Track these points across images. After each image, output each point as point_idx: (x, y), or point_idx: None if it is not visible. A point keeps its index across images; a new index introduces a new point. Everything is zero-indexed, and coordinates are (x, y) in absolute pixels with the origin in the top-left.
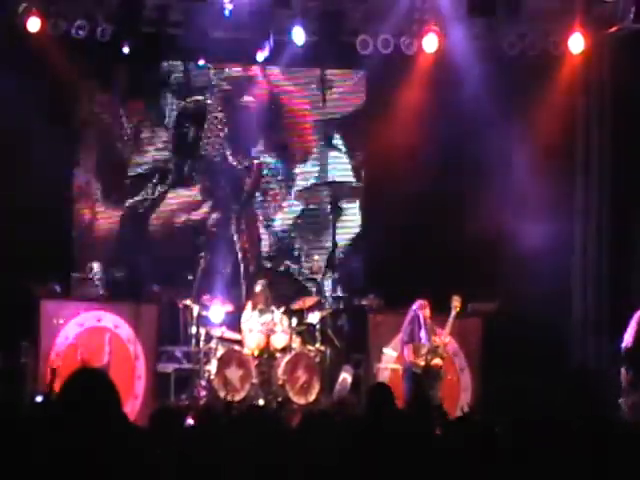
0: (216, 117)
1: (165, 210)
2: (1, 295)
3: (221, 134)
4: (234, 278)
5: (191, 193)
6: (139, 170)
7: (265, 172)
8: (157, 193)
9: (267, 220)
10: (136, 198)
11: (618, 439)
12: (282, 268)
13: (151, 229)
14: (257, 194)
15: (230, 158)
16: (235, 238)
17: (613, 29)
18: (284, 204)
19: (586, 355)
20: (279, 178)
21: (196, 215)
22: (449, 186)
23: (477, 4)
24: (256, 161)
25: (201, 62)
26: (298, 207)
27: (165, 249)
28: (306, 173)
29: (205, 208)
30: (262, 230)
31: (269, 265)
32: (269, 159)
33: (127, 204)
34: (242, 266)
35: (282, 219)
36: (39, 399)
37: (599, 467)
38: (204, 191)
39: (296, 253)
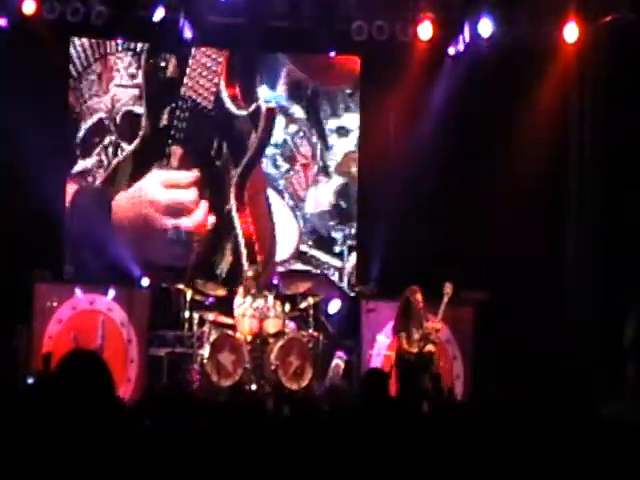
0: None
1: (135, 195)
2: None
3: (213, 66)
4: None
5: (173, 174)
6: (92, 120)
7: (280, 121)
8: (119, 155)
9: (294, 200)
10: (88, 161)
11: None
12: (315, 270)
13: (116, 214)
14: (268, 156)
15: (227, 101)
16: (235, 220)
17: (608, 19)
18: (320, 177)
19: (578, 344)
20: (308, 135)
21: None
22: (444, 174)
23: None
24: (266, 105)
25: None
26: (338, 181)
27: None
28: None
29: (192, 194)
30: (282, 214)
31: (294, 265)
32: (287, 103)
33: (74, 171)
34: (244, 263)
35: (315, 199)
36: (30, 381)
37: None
38: (189, 155)
39: (337, 249)
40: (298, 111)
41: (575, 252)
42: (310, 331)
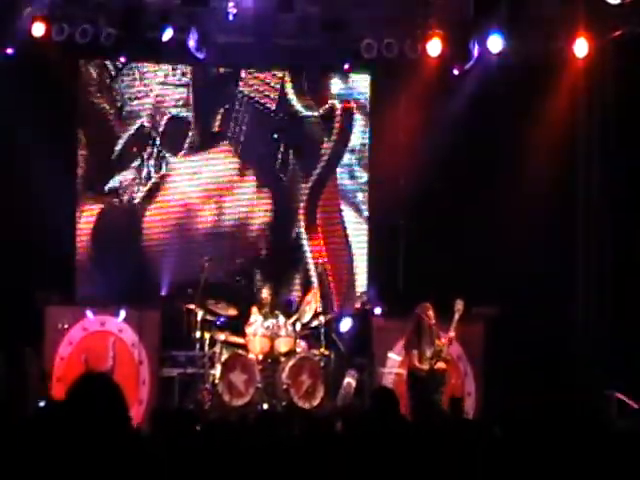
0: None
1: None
2: (5, 301)
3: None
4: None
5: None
6: (133, 127)
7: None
8: (163, 169)
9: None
10: (123, 175)
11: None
12: None
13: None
14: (344, 164)
15: (293, 99)
16: (305, 246)
17: (617, 33)
18: None
19: (588, 360)
20: None
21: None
22: (452, 190)
23: (481, 8)
24: (341, 102)
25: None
26: None
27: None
28: None
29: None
30: (359, 234)
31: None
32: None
33: (106, 188)
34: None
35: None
36: (42, 404)
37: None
38: (248, 168)
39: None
40: None
41: (585, 268)
42: (321, 350)
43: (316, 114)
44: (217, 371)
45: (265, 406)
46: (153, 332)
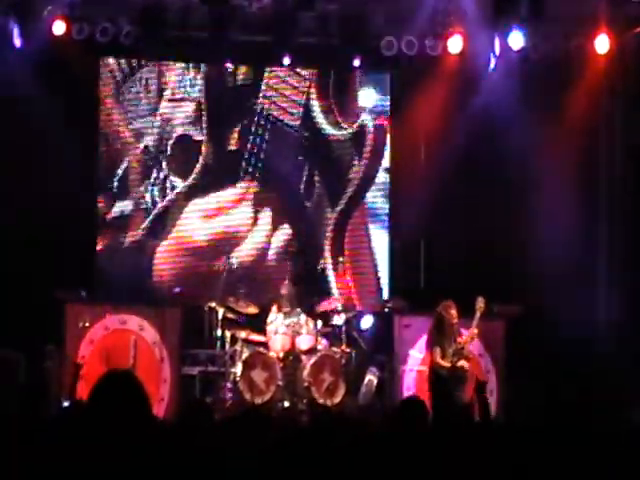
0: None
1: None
2: (27, 299)
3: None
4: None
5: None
6: (136, 149)
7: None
8: (169, 195)
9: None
10: (126, 203)
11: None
12: None
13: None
14: (376, 184)
15: (320, 117)
16: (330, 277)
17: (638, 30)
18: None
19: (611, 358)
20: None
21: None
22: (474, 188)
23: (502, 5)
24: (369, 121)
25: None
26: None
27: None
28: None
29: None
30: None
31: None
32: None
33: (108, 217)
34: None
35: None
36: (66, 404)
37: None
38: (268, 193)
39: None
40: None
41: (608, 266)
42: (343, 347)
43: (344, 133)
44: (238, 369)
45: (286, 404)
46: (174, 330)
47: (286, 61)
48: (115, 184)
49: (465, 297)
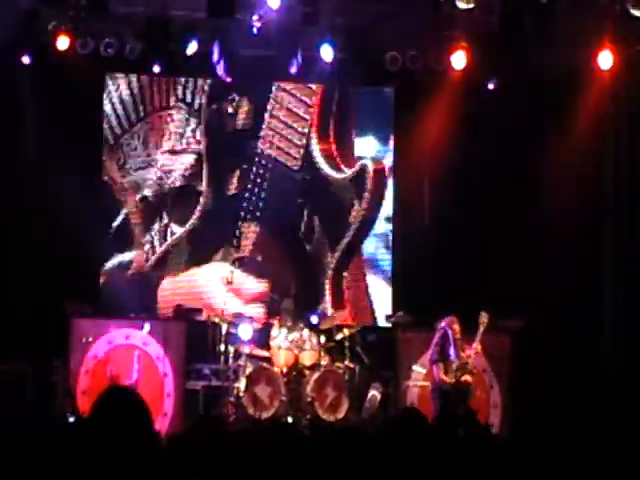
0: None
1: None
2: (32, 313)
3: (300, 110)
4: None
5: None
6: (134, 200)
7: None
8: (169, 239)
9: None
10: (126, 255)
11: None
12: None
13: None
14: (377, 234)
15: (320, 160)
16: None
17: None
18: None
19: (616, 372)
20: None
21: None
22: (478, 203)
23: (507, 20)
24: (370, 163)
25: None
26: None
27: None
28: None
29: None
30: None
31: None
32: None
33: (106, 267)
34: None
35: None
36: (71, 420)
37: None
38: (267, 236)
39: None
40: None
41: (612, 279)
42: (346, 362)
43: (345, 176)
44: (242, 384)
45: (290, 419)
46: (178, 345)
47: (293, 70)
48: (112, 232)
49: (468, 312)
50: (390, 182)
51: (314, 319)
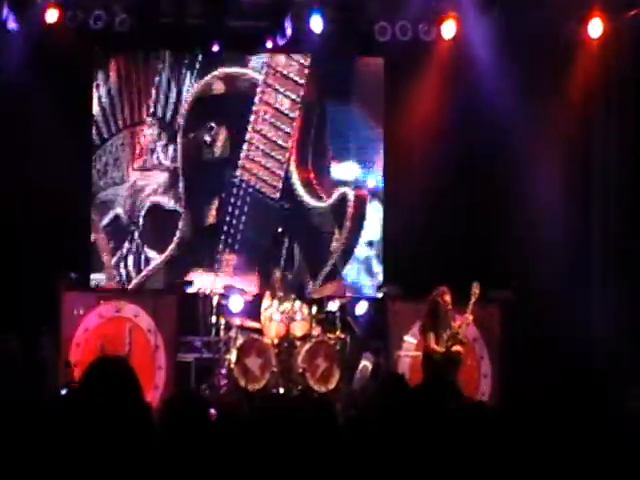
0: (268, 103)
1: None
2: (21, 286)
3: (279, 139)
4: None
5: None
6: (107, 218)
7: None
8: (143, 270)
9: None
10: (99, 276)
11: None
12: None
13: None
14: (362, 256)
15: (299, 189)
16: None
17: (632, 13)
18: None
19: (607, 342)
20: None
21: None
22: (469, 174)
23: None
24: (350, 190)
25: (215, 48)
26: None
27: None
28: None
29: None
30: None
31: None
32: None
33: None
34: None
35: None
36: (63, 392)
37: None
38: (247, 265)
39: None
40: None
41: (602, 248)
42: (337, 333)
43: (325, 204)
44: (233, 356)
45: (281, 390)
46: (169, 318)
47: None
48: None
49: (460, 283)
50: (375, 206)
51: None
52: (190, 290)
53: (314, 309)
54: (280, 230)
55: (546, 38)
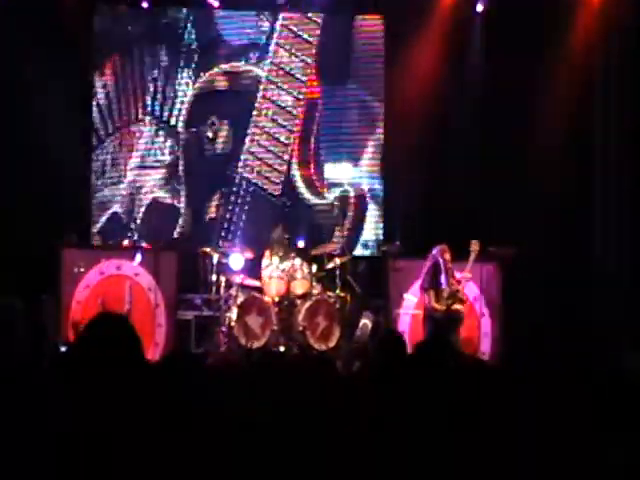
0: (271, 100)
1: None
2: (21, 245)
3: (280, 134)
4: None
5: None
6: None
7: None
8: None
9: None
10: None
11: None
12: None
13: None
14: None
15: (301, 185)
16: None
17: None
18: None
19: (608, 298)
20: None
21: None
22: (468, 132)
23: None
24: (351, 188)
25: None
26: None
27: None
28: None
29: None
30: None
31: None
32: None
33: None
34: None
35: None
36: (63, 349)
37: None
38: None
39: None
40: None
41: (603, 205)
42: (337, 292)
43: (325, 202)
44: (233, 314)
45: (281, 348)
46: (169, 275)
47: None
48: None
49: (459, 240)
50: (371, 207)
51: (301, 243)
52: None
53: (314, 267)
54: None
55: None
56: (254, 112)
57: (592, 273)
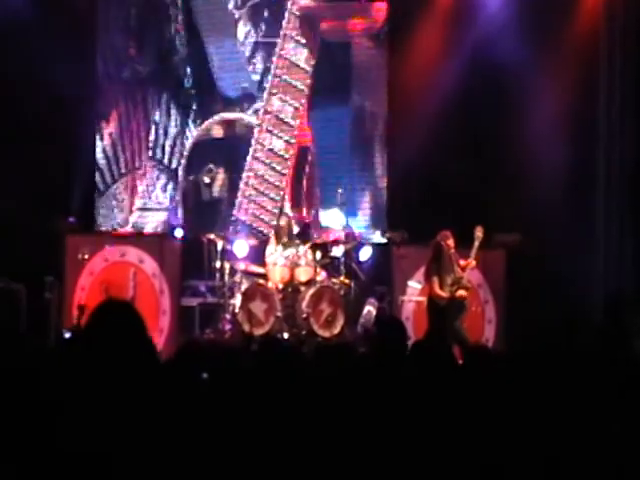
0: (263, 145)
1: None
2: (25, 231)
3: (275, 180)
4: None
5: None
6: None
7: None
8: None
9: None
10: None
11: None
12: None
13: None
14: None
15: (294, 229)
16: None
17: None
18: None
19: (610, 288)
20: None
21: None
22: (472, 120)
23: None
24: (340, 233)
25: None
26: None
27: None
28: None
29: None
30: None
31: None
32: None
33: None
34: None
35: None
36: (67, 335)
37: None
38: None
39: None
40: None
41: (606, 192)
42: (342, 278)
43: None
44: (237, 301)
45: (285, 335)
46: (174, 262)
47: None
48: None
49: (463, 227)
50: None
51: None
52: None
53: (318, 254)
54: None
55: None
56: (248, 157)
57: (595, 260)
